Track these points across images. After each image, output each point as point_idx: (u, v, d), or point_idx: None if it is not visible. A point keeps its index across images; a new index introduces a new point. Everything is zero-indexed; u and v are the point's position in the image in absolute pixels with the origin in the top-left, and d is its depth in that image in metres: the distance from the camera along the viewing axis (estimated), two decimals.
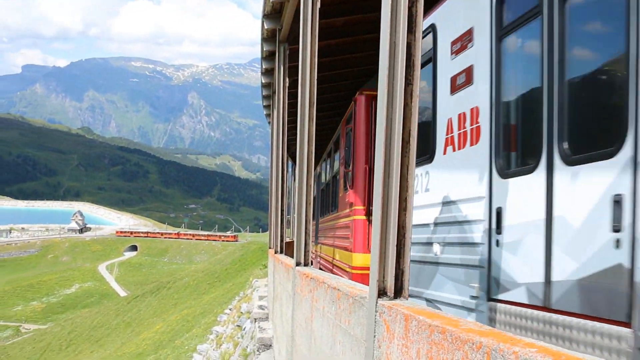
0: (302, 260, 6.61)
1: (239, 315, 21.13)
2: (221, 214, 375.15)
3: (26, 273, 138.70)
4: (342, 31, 10.88)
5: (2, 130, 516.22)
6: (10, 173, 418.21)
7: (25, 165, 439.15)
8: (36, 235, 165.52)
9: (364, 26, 10.67)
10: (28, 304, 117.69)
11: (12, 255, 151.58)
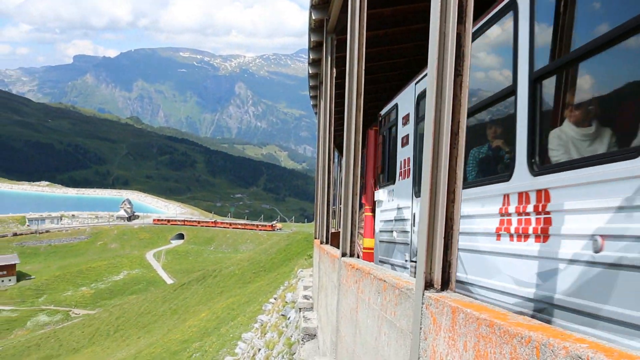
0: (348, 251, 6.61)
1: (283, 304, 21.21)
2: (267, 204, 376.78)
3: (76, 259, 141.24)
4: (390, 21, 10.81)
5: (54, 120, 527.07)
6: (62, 161, 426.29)
7: (76, 154, 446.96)
8: (86, 222, 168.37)
9: (412, 16, 10.59)
10: (78, 289, 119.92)
11: (62, 242, 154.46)
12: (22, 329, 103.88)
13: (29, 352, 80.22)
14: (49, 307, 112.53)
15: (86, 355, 70.39)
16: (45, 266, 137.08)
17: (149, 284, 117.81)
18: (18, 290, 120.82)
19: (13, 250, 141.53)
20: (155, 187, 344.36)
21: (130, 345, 65.63)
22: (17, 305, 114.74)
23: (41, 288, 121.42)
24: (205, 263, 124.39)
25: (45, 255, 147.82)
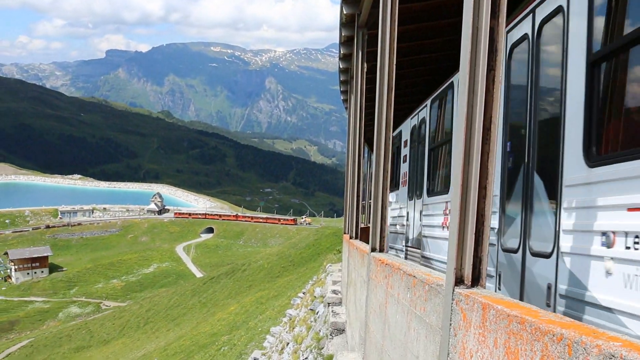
0: (377, 246, 6.60)
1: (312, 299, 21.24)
2: (296, 199, 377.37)
3: (107, 252, 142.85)
4: (422, 16, 10.75)
5: (87, 114, 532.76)
6: (94, 155, 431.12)
7: (107, 148, 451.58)
8: (117, 215, 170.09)
9: (444, 11, 10.52)
10: (109, 281, 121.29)
11: (94, 235, 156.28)
12: (54, 320, 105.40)
13: (61, 342, 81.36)
14: (80, 298, 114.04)
15: (116, 347, 71.19)
16: (77, 258, 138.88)
17: (178, 277, 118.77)
18: (50, 282, 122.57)
19: (46, 243, 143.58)
20: (186, 181, 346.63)
21: (159, 338, 66.25)
22: (49, 296, 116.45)
23: (73, 280, 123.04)
24: (234, 257, 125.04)
25: (77, 247, 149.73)
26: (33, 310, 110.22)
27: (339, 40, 11.64)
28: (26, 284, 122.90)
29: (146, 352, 58.28)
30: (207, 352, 40.72)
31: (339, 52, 12.51)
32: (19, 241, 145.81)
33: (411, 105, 13.85)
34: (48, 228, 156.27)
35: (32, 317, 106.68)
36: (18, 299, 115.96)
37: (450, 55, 12.17)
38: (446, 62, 12.43)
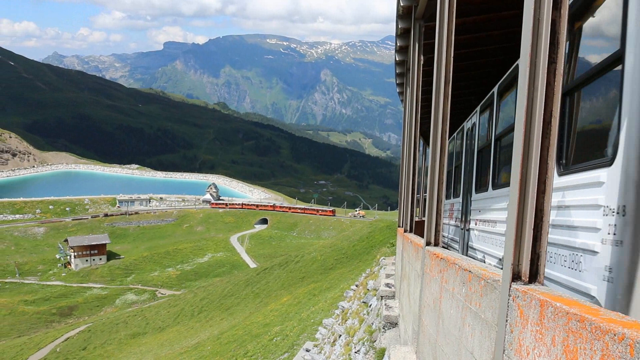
0: (432, 240, 6.56)
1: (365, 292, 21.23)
2: (350, 191, 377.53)
3: (163, 241, 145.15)
4: (480, 8, 10.61)
5: (145, 105, 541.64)
6: (151, 145, 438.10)
7: (164, 138, 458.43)
8: (173, 205, 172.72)
9: (504, 3, 10.36)
10: (164, 270, 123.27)
11: (151, 224, 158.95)
12: (111, 306, 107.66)
13: (117, 328, 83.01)
14: (136, 286, 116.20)
15: (171, 334, 72.27)
16: (134, 247, 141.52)
17: (232, 267, 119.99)
18: (108, 269, 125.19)
19: (104, 231, 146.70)
20: (241, 172, 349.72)
21: (213, 327, 67.00)
22: (107, 283, 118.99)
23: (130, 268, 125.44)
24: (288, 248, 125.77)
25: (134, 236, 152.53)
26: (91, 296, 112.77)
27: (396, 32, 11.56)
28: (85, 271, 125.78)
29: (200, 340, 59.04)
30: (259, 341, 41.06)
31: (395, 45, 12.42)
32: (79, 229, 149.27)
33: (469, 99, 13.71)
34: (106, 216, 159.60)
35: (90, 303, 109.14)
36: (77, 285, 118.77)
37: (508, 48, 11.99)
38: (504, 54, 12.26)
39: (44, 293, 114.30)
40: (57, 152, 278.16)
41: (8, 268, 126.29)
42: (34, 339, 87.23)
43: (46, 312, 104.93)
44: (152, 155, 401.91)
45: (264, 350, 36.99)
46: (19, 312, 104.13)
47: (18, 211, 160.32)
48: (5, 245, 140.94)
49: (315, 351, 23.42)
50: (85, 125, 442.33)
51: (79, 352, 74.08)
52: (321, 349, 22.61)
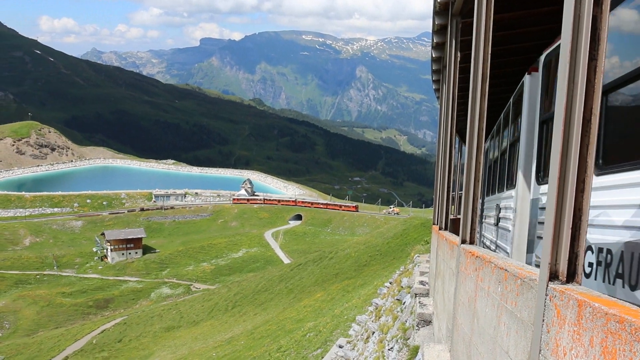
0: (467, 238, 6.51)
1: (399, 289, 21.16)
2: (384, 188, 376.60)
3: (198, 236, 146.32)
4: (519, 4, 10.50)
5: (181, 100, 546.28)
6: (187, 141, 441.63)
7: (200, 134, 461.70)
8: (208, 200, 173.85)
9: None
10: (199, 264, 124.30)
11: (186, 218, 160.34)
12: (147, 299, 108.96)
13: (152, 322, 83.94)
14: (171, 280, 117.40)
15: (205, 328, 72.83)
16: (169, 241, 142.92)
17: (266, 262, 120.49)
18: (144, 263, 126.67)
19: (140, 225, 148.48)
20: (275, 168, 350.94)
21: (246, 321, 67.38)
22: (142, 277, 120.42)
23: (165, 262, 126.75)
24: (322, 244, 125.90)
25: (169, 230, 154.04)
26: (127, 289, 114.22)
27: (432, 28, 11.49)
28: (121, 264, 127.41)
29: (233, 334, 59.40)
30: (292, 337, 41.18)
31: (432, 41, 12.35)
32: (115, 222, 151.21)
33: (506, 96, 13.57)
34: (142, 211, 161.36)
35: (126, 296, 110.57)
36: (113, 278, 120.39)
37: (546, 45, 11.85)
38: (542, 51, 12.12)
39: (81, 285, 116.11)
40: (95, 146, 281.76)
41: (46, 260, 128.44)
42: (71, 330, 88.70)
43: (83, 305, 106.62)
44: (188, 151, 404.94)
45: (297, 345, 37.11)
46: (56, 304, 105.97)
47: (56, 205, 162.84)
48: (44, 238, 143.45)
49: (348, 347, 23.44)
50: (123, 121, 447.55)
51: (115, 344, 75.09)
52: (354, 346, 22.62)
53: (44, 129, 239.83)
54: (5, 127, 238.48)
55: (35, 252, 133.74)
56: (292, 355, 35.16)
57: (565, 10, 3.30)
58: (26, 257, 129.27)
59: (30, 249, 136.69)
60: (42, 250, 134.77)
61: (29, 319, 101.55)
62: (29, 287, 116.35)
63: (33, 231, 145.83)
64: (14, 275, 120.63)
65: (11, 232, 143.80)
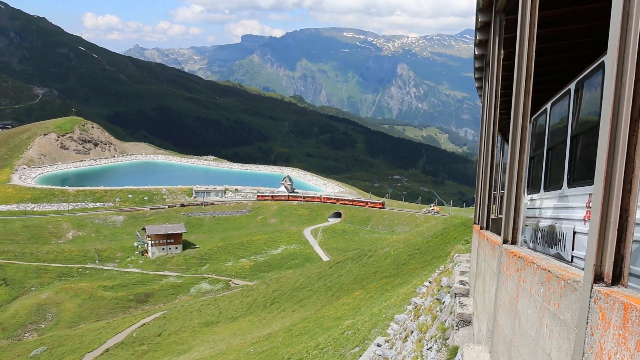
0: (509, 238, 6.44)
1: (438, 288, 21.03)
2: (425, 187, 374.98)
3: (237, 232, 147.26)
4: (564, 1, 10.35)
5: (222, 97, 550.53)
6: (228, 137, 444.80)
7: (241, 131, 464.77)
8: (248, 197, 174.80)
9: None
10: (238, 260, 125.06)
11: (225, 215, 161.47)
12: (186, 294, 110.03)
13: (191, 316, 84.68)
14: (210, 275, 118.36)
15: (243, 324, 73.23)
16: (209, 237, 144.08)
17: (305, 259, 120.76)
18: (183, 258, 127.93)
19: (180, 220, 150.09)
20: (315, 165, 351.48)
21: (285, 318, 67.60)
22: (182, 272, 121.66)
23: (204, 257, 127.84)
24: (361, 242, 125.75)
25: (209, 226, 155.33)
26: (167, 284, 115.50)
27: (475, 25, 11.38)
28: (161, 259, 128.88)
29: (271, 331, 59.65)
30: (330, 335, 41.21)
31: (475, 38, 12.23)
32: (156, 218, 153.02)
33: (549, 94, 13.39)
34: (183, 206, 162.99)
35: (166, 291, 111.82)
36: (153, 273, 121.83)
37: (591, 42, 11.67)
38: (586, 49, 11.94)
39: (122, 279, 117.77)
40: (137, 142, 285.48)
41: (88, 254, 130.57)
42: (112, 323, 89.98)
43: (124, 298, 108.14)
44: (228, 147, 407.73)
45: (335, 343, 37.12)
46: (98, 297, 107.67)
47: (99, 199, 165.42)
48: (86, 232, 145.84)
49: (386, 346, 23.37)
50: (165, 117, 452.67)
51: (154, 338, 75.96)
52: (392, 345, 22.54)
53: (87, 125, 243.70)
54: (50, 122, 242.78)
55: (78, 245, 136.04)
56: (330, 353, 35.18)
57: (614, 7, 3.24)
58: (69, 251, 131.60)
59: (73, 243, 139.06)
60: (84, 244, 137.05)
61: (71, 312, 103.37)
62: (71, 280, 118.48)
63: (76, 225, 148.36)
64: (57, 268, 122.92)
65: (54, 226, 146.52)
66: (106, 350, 74.42)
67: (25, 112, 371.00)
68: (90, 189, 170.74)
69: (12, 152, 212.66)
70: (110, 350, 74.23)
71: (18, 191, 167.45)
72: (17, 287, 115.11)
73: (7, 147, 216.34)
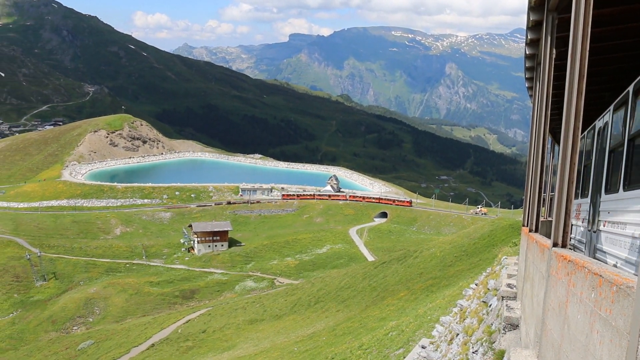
0: (559, 241, 6.33)
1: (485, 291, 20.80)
2: (472, 187, 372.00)
3: (283, 230, 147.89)
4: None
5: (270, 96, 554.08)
6: (274, 136, 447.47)
7: (287, 129, 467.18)
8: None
9: None
10: (283, 259, 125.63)
11: (271, 213, 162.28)
12: (231, 292, 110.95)
13: (236, 314, 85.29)
14: (255, 273, 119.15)
15: (287, 323, 73.48)
16: (254, 235, 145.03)
17: (350, 259, 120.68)
18: (229, 256, 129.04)
19: (226, 218, 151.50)
20: (362, 165, 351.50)
21: (329, 317, 67.64)
22: (227, 269, 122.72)
23: (250, 255, 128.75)
24: (406, 243, 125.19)
25: (255, 224, 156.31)
26: (212, 281, 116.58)
27: (526, 24, 11.21)
28: (207, 256, 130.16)
29: (315, 330, 59.73)
30: (374, 335, 41.10)
31: (526, 37, 12.05)
32: (202, 215, 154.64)
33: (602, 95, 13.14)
34: (229, 204, 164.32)
35: (211, 288, 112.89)
36: (199, 270, 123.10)
37: None
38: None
39: (168, 275, 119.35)
40: (184, 140, 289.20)
41: (136, 250, 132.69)
42: (158, 319, 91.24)
43: (169, 294, 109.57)
44: (275, 146, 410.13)
45: (379, 344, 37.00)
46: (144, 293, 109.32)
47: (147, 196, 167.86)
48: (134, 228, 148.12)
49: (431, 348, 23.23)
50: (212, 115, 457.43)
51: (199, 334, 76.71)
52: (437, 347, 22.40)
53: (136, 122, 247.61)
54: (100, 119, 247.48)
55: (126, 241, 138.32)
56: (374, 353, 35.08)
57: None
58: (117, 246, 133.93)
59: (121, 239, 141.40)
60: (132, 240, 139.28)
61: (118, 306, 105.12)
62: (118, 275, 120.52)
63: (124, 221, 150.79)
64: (105, 263, 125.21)
65: (103, 222, 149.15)
66: (152, 345, 75.44)
67: (77, 109, 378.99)
68: (138, 186, 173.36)
69: (63, 148, 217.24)
70: (155, 346, 75.21)
71: (68, 187, 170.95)
72: (67, 281, 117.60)
73: (59, 144, 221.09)
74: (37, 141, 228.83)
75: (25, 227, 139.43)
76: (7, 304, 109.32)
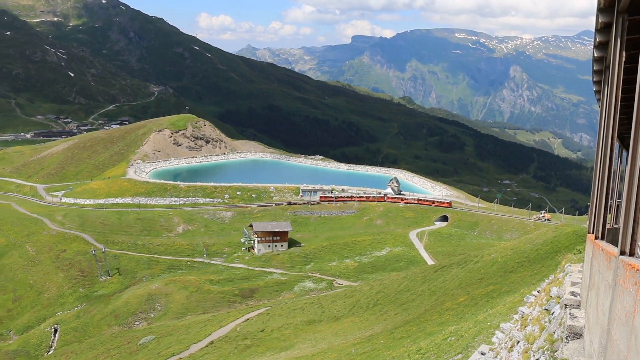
0: (627, 250, 6.14)
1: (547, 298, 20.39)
2: (535, 192, 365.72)
3: (343, 232, 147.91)
4: None
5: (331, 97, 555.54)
6: (336, 137, 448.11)
7: (349, 131, 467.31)
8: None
9: None
10: (342, 261, 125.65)
11: (332, 214, 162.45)
12: (290, 292, 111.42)
13: (294, 314, 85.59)
14: (314, 274, 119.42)
15: (345, 324, 73.41)
16: (314, 236, 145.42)
17: (410, 262, 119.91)
18: (289, 256, 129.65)
19: (286, 218, 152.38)
20: (423, 168, 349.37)
21: (387, 320, 67.33)
22: (286, 269, 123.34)
23: (309, 256, 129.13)
24: (467, 247, 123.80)
25: (314, 225, 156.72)
26: (271, 280, 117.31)
27: (595, 26, 10.93)
28: (266, 256, 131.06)
29: (373, 332, 59.56)
30: (433, 340, 40.71)
31: (594, 40, 11.75)
32: (263, 215, 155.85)
33: None
34: (289, 205, 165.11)
35: (270, 287, 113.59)
36: (259, 269, 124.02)
37: None
38: None
39: (228, 274, 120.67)
40: (246, 140, 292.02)
41: (197, 248, 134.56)
42: (217, 316, 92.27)
43: (229, 293, 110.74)
44: (336, 147, 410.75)
45: (437, 349, 36.65)
46: (204, 290, 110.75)
47: (209, 195, 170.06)
48: (196, 227, 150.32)
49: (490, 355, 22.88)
50: (274, 116, 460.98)
51: (258, 333, 77.24)
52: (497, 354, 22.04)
53: (199, 122, 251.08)
54: (165, 119, 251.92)
55: (187, 239, 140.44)
56: (432, 358, 34.78)
57: None
58: (179, 244, 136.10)
59: (183, 237, 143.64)
60: (193, 238, 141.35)
61: (178, 303, 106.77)
62: (180, 272, 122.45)
63: (186, 219, 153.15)
64: (167, 261, 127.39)
65: (166, 220, 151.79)
66: (211, 343, 76.32)
67: (142, 109, 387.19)
68: (200, 185, 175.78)
69: (129, 147, 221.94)
70: (214, 343, 76.05)
71: (133, 185, 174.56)
72: (130, 277, 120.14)
73: (124, 143, 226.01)
74: (104, 140, 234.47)
75: (91, 223, 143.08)
76: (73, 297, 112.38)
